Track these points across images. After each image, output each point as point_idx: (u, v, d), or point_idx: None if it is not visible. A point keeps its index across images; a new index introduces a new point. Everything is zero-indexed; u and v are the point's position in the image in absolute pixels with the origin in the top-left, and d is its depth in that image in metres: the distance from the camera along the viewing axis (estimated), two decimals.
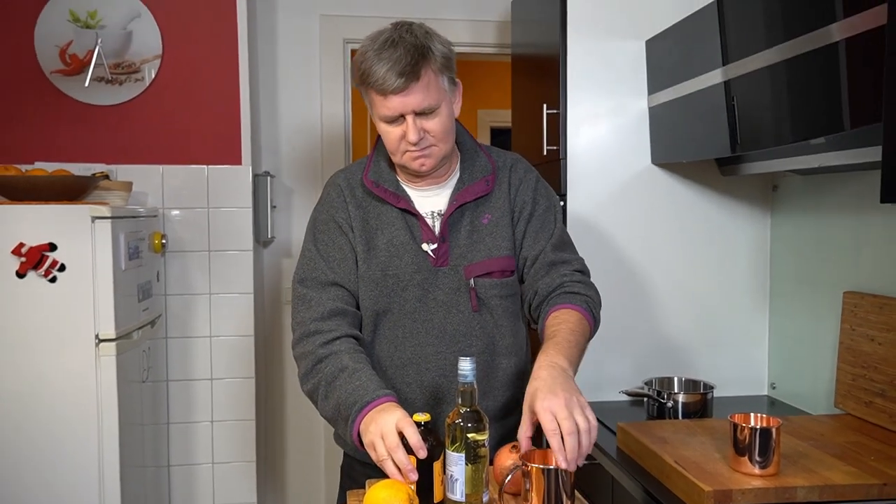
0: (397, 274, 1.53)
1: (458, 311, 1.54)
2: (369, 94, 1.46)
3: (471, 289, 1.54)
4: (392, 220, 1.55)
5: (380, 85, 1.41)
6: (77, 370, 2.15)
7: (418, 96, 1.42)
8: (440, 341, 1.53)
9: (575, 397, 1.23)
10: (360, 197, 1.57)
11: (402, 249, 1.53)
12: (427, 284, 1.53)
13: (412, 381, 1.54)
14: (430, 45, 1.44)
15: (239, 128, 2.78)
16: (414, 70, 1.40)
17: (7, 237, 2.10)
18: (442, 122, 1.47)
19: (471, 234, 1.55)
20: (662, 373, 2.20)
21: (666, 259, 2.25)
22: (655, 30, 2.12)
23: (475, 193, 1.56)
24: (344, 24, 3.09)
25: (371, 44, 1.44)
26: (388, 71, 1.40)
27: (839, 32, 1.34)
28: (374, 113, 1.48)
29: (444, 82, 1.47)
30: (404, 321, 1.54)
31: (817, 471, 1.44)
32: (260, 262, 3.01)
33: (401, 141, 1.47)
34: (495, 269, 1.55)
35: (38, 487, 2.15)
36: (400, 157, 1.50)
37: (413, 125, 1.44)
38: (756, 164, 2.01)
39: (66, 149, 2.67)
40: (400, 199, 1.54)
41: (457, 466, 1.25)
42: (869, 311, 1.80)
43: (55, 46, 2.63)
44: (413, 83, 1.41)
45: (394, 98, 1.42)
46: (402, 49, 1.40)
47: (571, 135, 2.20)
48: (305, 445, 3.17)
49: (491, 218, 1.57)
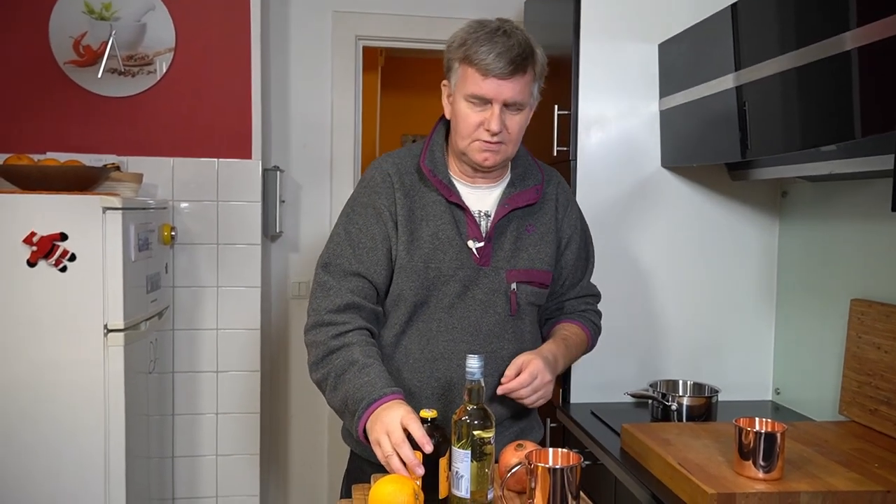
0: (439, 267, 1.53)
1: (495, 313, 1.56)
2: (465, 70, 1.46)
3: (511, 292, 1.56)
4: (439, 213, 1.55)
5: (486, 64, 1.43)
6: (85, 360, 2.16)
7: (515, 88, 1.45)
8: (474, 339, 1.55)
9: (549, 378, 1.50)
10: (409, 185, 1.56)
11: (448, 244, 1.53)
12: (468, 281, 1.54)
13: (441, 377, 1.54)
14: (536, 49, 1.49)
15: (250, 122, 2.79)
16: (522, 63, 1.44)
17: (19, 226, 2.12)
18: (520, 123, 1.50)
19: (516, 240, 1.57)
20: (667, 376, 2.21)
21: (673, 262, 2.25)
22: (668, 33, 2.12)
23: (526, 200, 1.58)
24: (356, 21, 3.10)
25: (479, 27, 1.46)
26: (500, 54, 1.42)
27: (852, 41, 1.34)
28: (461, 90, 1.48)
29: (535, 89, 1.51)
30: (440, 315, 1.55)
31: (821, 477, 1.45)
32: (267, 256, 3.02)
33: (478, 127, 1.48)
34: (535, 280, 1.59)
35: (44, 474, 2.16)
36: (468, 143, 1.50)
37: (498, 115, 1.46)
38: (766, 170, 2.01)
39: (77, 139, 2.68)
40: (451, 192, 1.55)
41: (462, 463, 1.26)
42: (876, 320, 1.80)
43: (69, 37, 2.64)
44: (518, 74, 1.44)
45: (493, 81, 1.44)
46: (515, 41, 1.44)
47: (582, 136, 2.20)
48: (309, 439, 3.18)
49: (535, 230, 1.60)
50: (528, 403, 1.50)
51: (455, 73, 1.50)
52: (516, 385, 1.46)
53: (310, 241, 3.13)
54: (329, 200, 3.13)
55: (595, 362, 2.21)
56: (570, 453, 1.28)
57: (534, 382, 1.47)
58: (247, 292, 2.82)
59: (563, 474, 1.22)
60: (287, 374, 3.16)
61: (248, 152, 2.80)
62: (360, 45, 3.15)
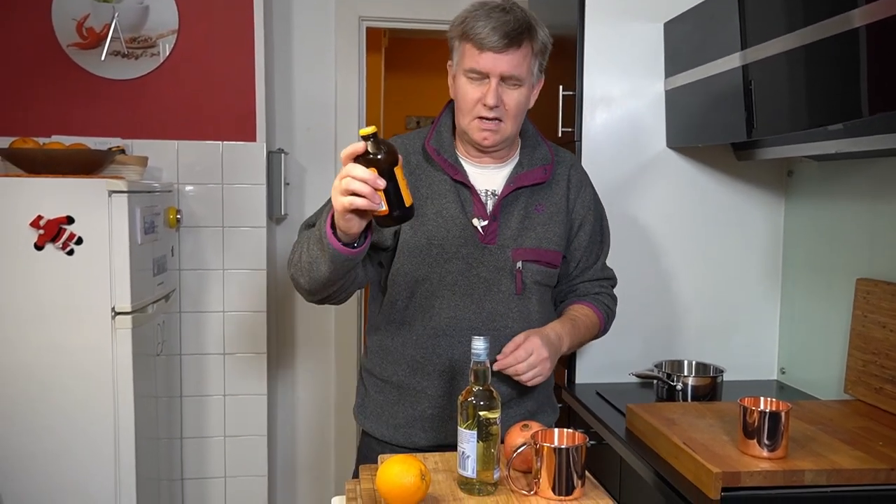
0: (442, 244, 1.54)
1: (500, 291, 1.57)
2: (463, 46, 1.49)
3: (517, 271, 1.57)
4: (444, 192, 1.56)
5: (481, 38, 1.45)
6: (93, 343, 2.18)
7: (512, 62, 1.47)
8: (477, 317, 1.55)
9: (546, 355, 1.48)
10: (415, 164, 1.58)
11: (452, 222, 1.54)
12: (472, 259, 1.55)
13: (443, 353, 1.55)
14: (536, 26, 1.50)
15: (254, 104, 2.79)
16: (517, 37, 1.46)
17: (26, 210, 2.13)
18: (518, 100, 1.51)
19: (523, 219, 1.58)
20: (672, 356, 2.21)
21: (679, 242, 2.25)
22: (674, 12, 2.11)
23: (533, 179, 1.59)
24: (360, 2, 3.08)
25: (480, 6, 1.49)
26: (493, 29, 1.45)
27: (860, 18, 1.33)
28: (460, 66, 1.51)
29: (535, 66, 1.52)
30: (443, 292, 1.55)
31: (825, 455, 1.45)
32: (273, 238, 3.03)
33: (476, 103, 1.50)
34: (542, 259, 1.59)
35: (53, 457, 2.18)
36: (469, 120, 1.52)
37: (495, 89, 1.47)
38: (772, 150, 2.00)
39: (82, 122, 2.68)
40: (457, 170, 1.56)
41: (469, 444, 1.27)
42: (882, 299, 1.80)
43: (72, 20, 2.63)
44: (512, 49, 1.46)
45: (489, 55, 1.46)
46: (511, 17, 1.46)
47: (587, 117, 2.19)
48: (316, 420, 3.20)
49: (545, 209, 1.60)
50: (526, 380, 1.49)
51: (456, 51, 1.53)
52: (512, 360, 1.46)
53: None
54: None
55: (600, 343, 2.21)
56: (575, 433, 1.29)
57: (530, 359, 1.46)
58: (252, 275, 2.83)
59: (569, 454, 1.23)
60: (293, 356, 3.17)
61: (252, 135, 2.80)
62: (363, 26, 3.13)
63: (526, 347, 1.47)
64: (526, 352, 1.47)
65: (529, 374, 1.48)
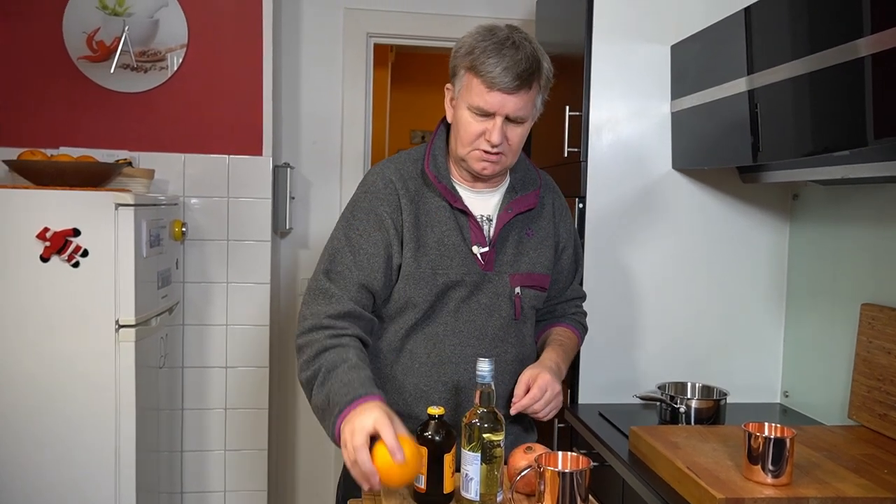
0: (447, 273, 1.53)
1: (500, 317, 1.57)
2: (470, 80, 1.45)
3: (516, 296, 1.57)
4: (443, 219, 1.54)
5: (492, 78, 1.42)
6: (97, 355, 2.18)
7: (519, 103, 1.44)
8: (480, 343, 1.55)
9: (558, 389, 1.52)
10: (414, 190, 1.55)
11: (454, 250, 1.53)
12: (473, 286, 1.55)
13: (448, 380, 1.54)
14: (542, 61, 1.47)
15: (261, 119, 2.80)
16: (528, 78, 1.43)
17: (32, 221, 2.13)
18: (521, 135, 1.50)
19: (518, 244, 1.59)
20: (676, 378, 2.21)
21: (683, 264, 2.25)
22: (681, 35, 2.12)
23: (528, 205, 1.59)
24: (367, 18, 3.10)
25: (488, 35, 1.44)
26: (506, 68, 1.41)
27: (866, 48, 1.34)
28: (465, 99, 1.47)
29: (538, 101, 1.50)
30: (447, 319, 1.55)
31: (830, 482, 1.45)
32: (277, 252, 3.03)
33: (478, 137, 1.48)
34: (536, 284, 1.61)
35: (55, 468, 2.18)
36: (468, 151, 1.50)
37: (500, 127, 1.45)
38: (777, 173, 2.01)
39: (90, 134, 2.69)
40: (456, 198, 1.54)
41: (472, 466, 1.27)
42: (887, 324, 1.80)
43: (83, 33, 2.65)
44: (523, 90, 1.44)
45: (498, 95, 1.43)
46: (523, 54, 1.43)
47: (593, 137, 2.20)
48: (317, 435, 3.19)
49: (534, 234, 1.61)
50: (542, 417, 1.51)
51: (460, 79, 1.48)
52: (528, 402, 1.47)
53: (319, 238, 3.13)
54: (339, 197, 3.13)
55: (604, 363, 2.22)
56: (579, 457, 1.29)
57: (545, 395, 1.48)
58: (256, 288, 2.83)
59: (573, 478, 1.22)
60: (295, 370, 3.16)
61: (258, 149, 2.81)
62: (370, 42, 3.15)
63: (540, 386, 1.48)
64: (541, 390, 1.48)
65: (546, 409, 1.50)
